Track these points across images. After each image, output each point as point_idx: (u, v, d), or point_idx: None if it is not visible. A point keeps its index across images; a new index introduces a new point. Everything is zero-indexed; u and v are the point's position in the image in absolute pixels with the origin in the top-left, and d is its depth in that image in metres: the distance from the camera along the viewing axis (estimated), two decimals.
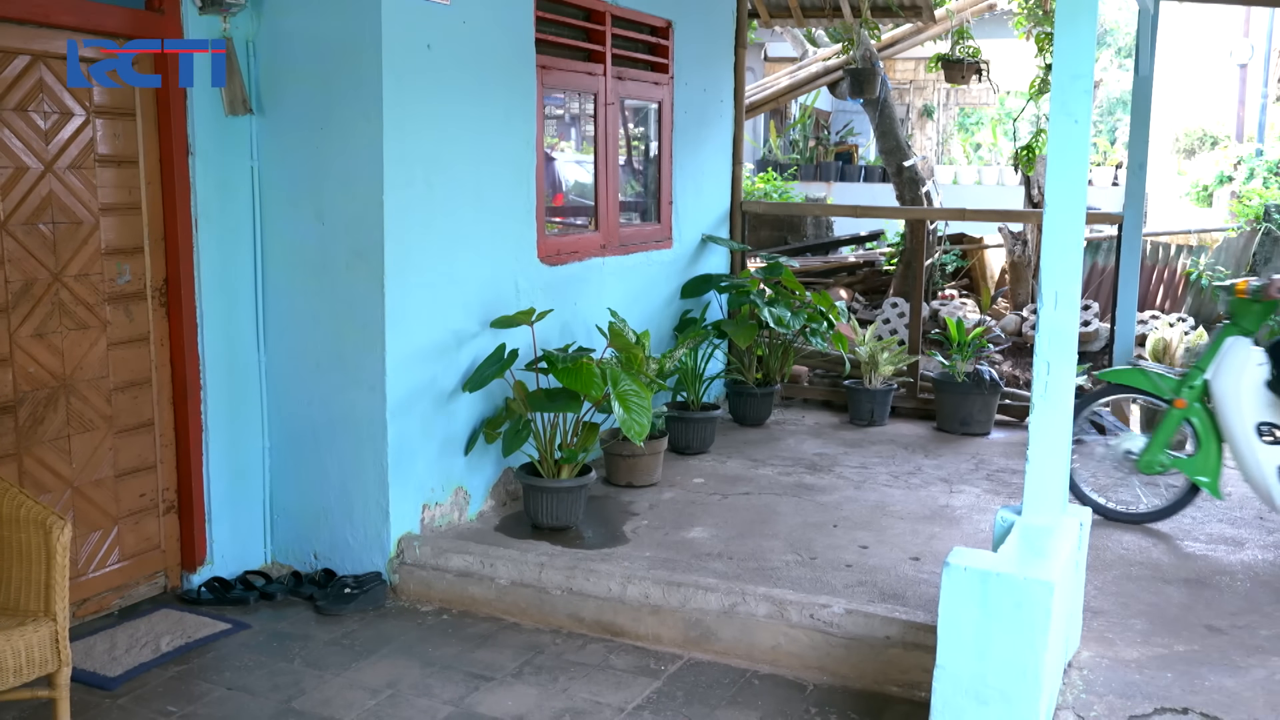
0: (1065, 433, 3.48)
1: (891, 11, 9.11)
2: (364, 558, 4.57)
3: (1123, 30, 23.05)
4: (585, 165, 6.15)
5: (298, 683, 3.81)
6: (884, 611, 3.90)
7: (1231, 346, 4.76)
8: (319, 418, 4.60)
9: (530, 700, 3.70)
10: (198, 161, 4.34)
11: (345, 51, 4.33)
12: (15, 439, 3.92)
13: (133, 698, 3.69)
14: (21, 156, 3.86)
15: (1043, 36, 9.43)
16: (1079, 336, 3.75)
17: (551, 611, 4.29)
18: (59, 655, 3.08)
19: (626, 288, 6.02)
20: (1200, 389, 4.84)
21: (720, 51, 7.07)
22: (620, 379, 4.64)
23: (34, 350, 3.96)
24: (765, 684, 3.85)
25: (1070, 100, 3.32)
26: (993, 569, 3.23)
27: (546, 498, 4.74)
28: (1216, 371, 4.78)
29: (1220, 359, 4.78)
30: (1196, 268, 10.16)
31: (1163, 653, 3.88)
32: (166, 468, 4.46)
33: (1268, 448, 4.65)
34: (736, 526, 4.92)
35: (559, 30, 5.49)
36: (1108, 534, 4.94)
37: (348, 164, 4.39)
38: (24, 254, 3.89)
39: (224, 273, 4.49)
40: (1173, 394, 4.87)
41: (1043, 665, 3.17)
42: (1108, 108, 22.86)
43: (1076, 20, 3.31)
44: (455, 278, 4.75)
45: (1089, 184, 3.66)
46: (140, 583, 4.43)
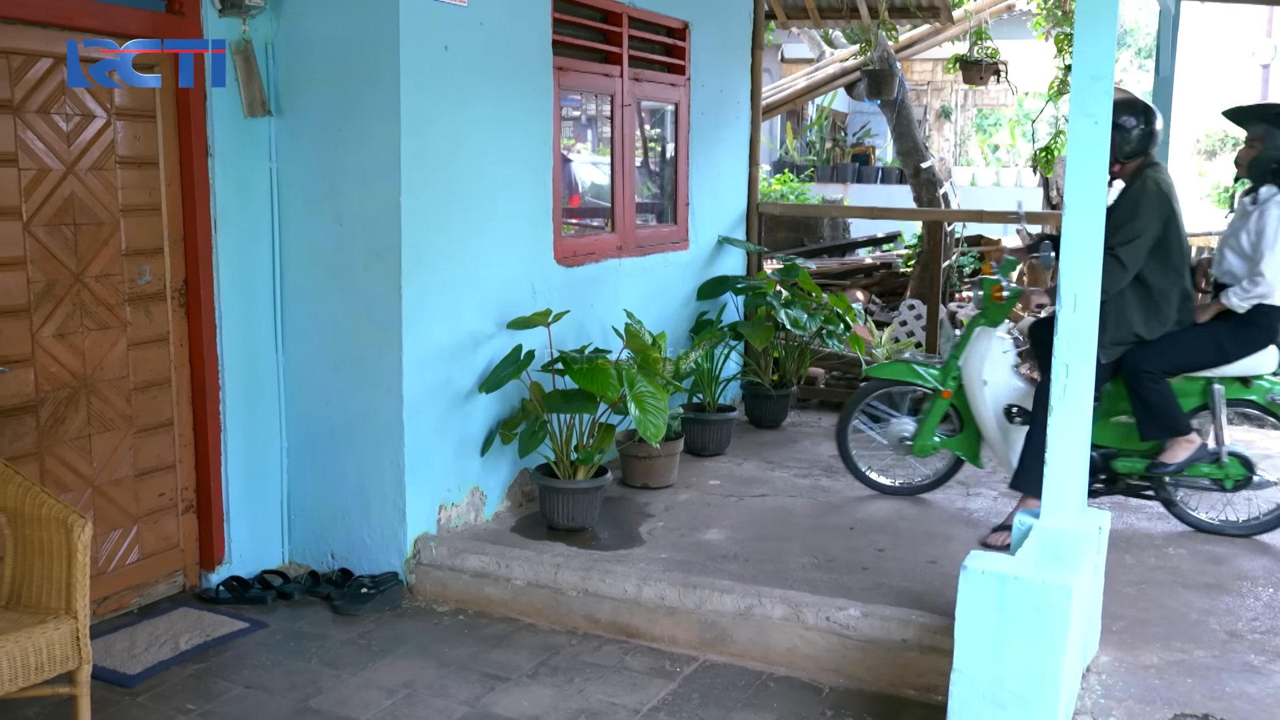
0: (1084, 436, 3.46)
1: (909, 12, 9.09)
2: (381, 558, 4.58)
3: (1143, 31, 22.92)
4: (602, 167, 6.16)
5: (315, 682, 3.83)
6: (900, 614, 3.89)
7: (979, 336, 4.97)
8: (336, 418, 4.62)
9: (546, 701, 3.71)
10: (217, 163, 4.36)
11: (363, 53, 4.35)
12: (37, 438, 3.96)
13: (152, 695, 3.71)
14: (44, 158, 3.89)
15: (1062, 37, 9.39)
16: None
17: (567, 612, 4.29)
18: (80, 653, 3.10)
19: (643, 289, 6.02)
20: (959, 377, 5.04)
21: (737, 53, 7.06)
22: (636, 380, 4.64)
23: (55, 350, 3.99)
24: (781, 686, 3.84)
25: (1090, 101, 3.31)
26: (1011, 572, 3.22)
27: (562, 499, 4.74)
28: (967, 360, 4.99)
29: (970, 348, 4.99)
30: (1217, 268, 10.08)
31: (1183, 658, 3.85)
32: (185, 467, 4.49)
33: (1014, 428, 4.89)
34: (752, 528, 4.91)
35: (576, 32, 5.50)
36: (1127, 538, 4.91)
37: (365, 165, 4.41)
38: (46, 255, 3.92)
39: (243, 273, 4.52)
40: (939, 384, 5.07)
41: (1061, 670, 3.15)
42: None
43: (1097, 21, 3.30)
44: (472, 279, 4.76)
45: (1108, 185, 3.64)
46: (159, 581, 4.46)
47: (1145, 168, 4.58)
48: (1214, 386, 4.68)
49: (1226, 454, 4.74)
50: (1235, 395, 4.73)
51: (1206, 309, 4.68)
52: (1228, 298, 4.57)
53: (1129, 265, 4.41)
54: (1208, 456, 4.72)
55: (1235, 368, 4.64)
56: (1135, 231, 4.40)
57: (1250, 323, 4.56)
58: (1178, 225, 4.56)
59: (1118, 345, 4.54)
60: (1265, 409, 4.77)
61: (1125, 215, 4.45)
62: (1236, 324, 4.57)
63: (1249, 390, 4.72)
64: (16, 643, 2.96)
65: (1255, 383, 4.72)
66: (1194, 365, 4.64)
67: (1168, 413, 4.60)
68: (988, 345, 4.94)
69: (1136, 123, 4.52)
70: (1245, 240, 4.59)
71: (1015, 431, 4.87)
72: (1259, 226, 4.53)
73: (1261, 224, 4.52)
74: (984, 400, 4.92)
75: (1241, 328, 4.57)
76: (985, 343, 4.95)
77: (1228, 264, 4.68)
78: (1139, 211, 4.43)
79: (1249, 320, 4.56)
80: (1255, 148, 4.61)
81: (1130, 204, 4.48)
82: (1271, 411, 4.77)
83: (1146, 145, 4.57)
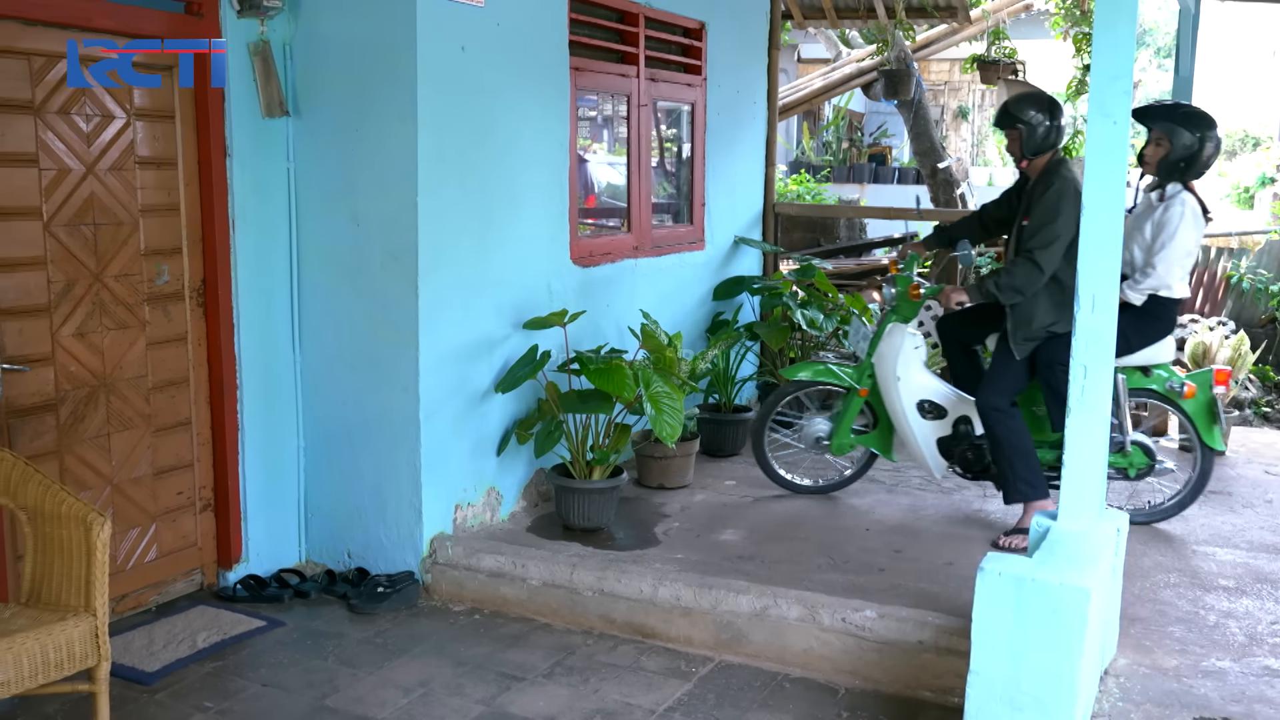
0: (1102, 437, 3.44)
1: (926, 12, 9.05)
2: (397, 557, 4.60)
3: (1162, 30, 22.79)
4: (618, 167, 6.16)
5: (331, 680, 3.84)
6: (917, 616, 3.88)
7: (891, 332, 5.00)
8: (353, 417, 4.63)
9: (562, 701, 3.71)
10: (235, 163, 4.39)
11: (380, 54, 4.36)
12: (57, 437, 3.98)
13: (170, 693, 3.73)
14: (64, 159, 3.92)
15: (1080, 36, 9.34)
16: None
17: (583, 612, 4.29)
18: (99, 650, 3.12)
19: (659, 289, 6.02)
20: (874, 374, 5.08)
21: (753, 53, 7.06)
22: (652, 380, 4.64)
23: (75, 349, 4.02)
24: (797, 687, 3.83)
25: (1109, 101, 3.29)
26: (1028, 574, 3.20)
27: (578, 499, 4.75)
28: (880, 356, 5.02)
29: (882, 345, 5.01)
30: (1237, 270, 10.01)
31: (1201, 662, 3.83)
32: (203, 466, 4.51)
33: (926, 423, 4.96)
34: (768, 529, 4.90)
35: (592, 32, 5.50)
36: (1145, 540, 4.88)
37: (382, 165, 4.42)
38: (66, 254, 3.95)
39: (260, 273, 4.54)
40: (855, 382, 5.10)
41: (1079, 672, 3.13)
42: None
43: (1116, 20, 3.28)
44: (488, 279, 4.77)
45: (1127, 185, 3.62)
46: (177, 579, 4.49)
47: (1057, 164, 4.65)
48: (1117, 376, 4.77)
49: (1130, 443, 4.85)
50: (1136, 385, 4.88)
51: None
52: (1123, 290, 4.61)
53: (1046, 269, 4.48)
54: (1114, 445, 4.79)
55: (1137, 358, 4.78)
56: (1054, 234, 4.46)
57: (1150, 314, 4.69)
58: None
59: (1030, 341, 4.61)
60: (1163, 397, 4.90)
61: (1044, 216, 4.50)
62: (1138, 315, 4.66)
63: (1149, 379, 4.88)
64: (37, 640, 2.98)
65: (1154, 372, 4.87)
66: None
67: None
68: (900, 341, 4.97)
69: (1043, 118, 4.59)
70: (1149, 232, 4.72)
71: (929, 426, 4.97)
72: (1163, 220, 4.67)
73: (1165, 219, 4.66)
74: (898, 396, 4.96)
75: (1142, 319, 4.68)
76: (898, 339, 4.98)
77: (1127, 255, 4.76)
78: (1059, 212, 4.47)
79: (1148, 312, 4.69)
80: (1163, 146, 4.71)
81: (1050, 205, 4.52)
82: (1169, 400, 4.89)
83: (1056, 140, 4.65)
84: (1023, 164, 4.68)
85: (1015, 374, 4.65)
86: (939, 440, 4.99)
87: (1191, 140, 4.64)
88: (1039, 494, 4.64)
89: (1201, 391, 4.83)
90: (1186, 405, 4.86)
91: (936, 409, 4.98)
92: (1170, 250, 4.60)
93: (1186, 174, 4.70)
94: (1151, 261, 4.63)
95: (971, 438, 4.93)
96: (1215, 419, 4.83)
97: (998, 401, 4.64)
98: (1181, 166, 4.68)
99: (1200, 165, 4.69)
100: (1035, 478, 4.63)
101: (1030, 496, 4.64)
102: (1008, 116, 4.66)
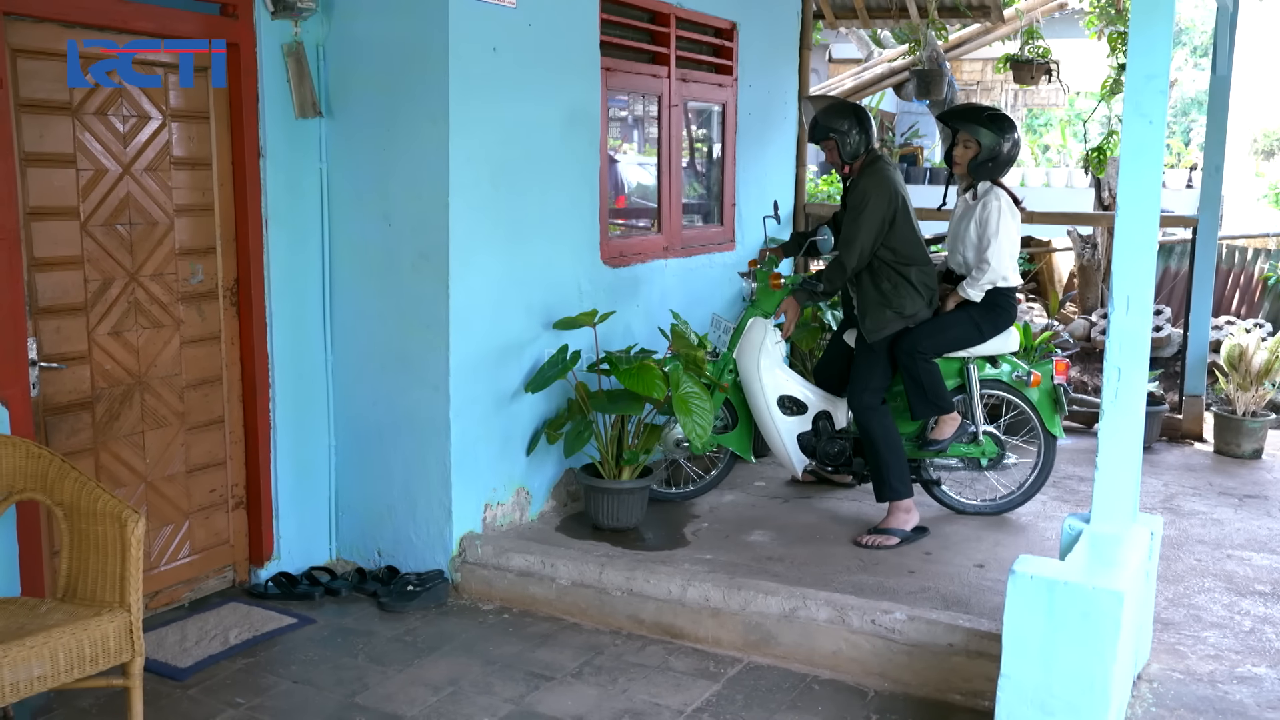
0: (1136, 440, 3.41)
1: (959, 12, 8.99)
2: (427, 556, 4.62)
3: (1199, 29, 22.53)
4: (648, 167, 6.16)
5: (361, 678, 3.86)
6: (947, 619, 3.85)
7: (752, 327, 5.04)
8: (384, 417, 4.66)
9: (590, 700, 3.71)
10: (268, 164, 4.42)
11: (413, 55, 4.39)
12: (92, 434, 4.03)
13: (202, 688, 3.77)
14: (101, 159, 3.96)
15: (1115, 35, 9.23)
16: (1151, 342, 3.68)
17: (611, 612, 4.30)
18: (133, 645, 3.16)
19: (689, 289, 6.02)
20: (735, 370, 5.09)
21: (784, 53, 7.03)
22: (682, 381, 4.64)
23: (111, 348, 4.07)
24: (825, 689, 3.82)
25: (1145, 100, 3.26)
26: (1060, 577, 3.17)
27: (607, 499, 4.75)
28: (740, 352, 5.06)
29: (744, 340, 5.05)
30: (1274, 272, 9.88)
31: (1237, 668, 3.78)
32: (236, 464, 4.55)
33: (787, 419, 5.02)
34: (798, 530, 4.89)
35: (623, 32, 5.50)
36: (1179, 544, 4.83)
37: (414, 166, 4.44)
38: (102, 254, 4.00)
39: (293, 273, 4.57)
40: (715, 379, 5.07)
41: (1111, 677, 3.10)
42: (1182, 108, 22.37)
43: (1152, 18, 3.25)
44: (518, 279, 4.79)
45: (1162, 186, 3.58)
46: (210, 576, 4.53)
47: (869, 163, 4.86)
48: (969, 366, 4.94)
49: (982, 433, 4.96)
50: (985, 375, 4.99)
51: (946, 300, 4.90)
52: (963, 289, 4.82)
53: (848, 264, 4.74)
54: (967, 435, 4.95)
55: (986, 347, 4.91)
56: (852, 234, 4.72)
57: (994, 305, 4.83)
58: (907, 212, 4.81)
59: (878, 331, 4.76)
60: (1010, 386, 5.01)
61: (850, 215, 4.77)
62: (983, 308, 4.83)
63: (997, 370, 5.01)
64: (73, 634, 3.01)
65: (1001, 362, 5.01)
66: (959, 344, 4.88)
67: (936, 390, 4.80)
68: (761, 336, 5.00)
69: (850, 127, 4.82)
70: (974, 232, 4.84)
71: (791, 422, 5.02)
72: (983, 218, 4.80)
73: (985, 216, 4.80)
74: (759, 392, 4.99)
75: (989, 310, 4.83)
76: (759, 333, 5.01)
77: (960, 256, 4.95)
78: (861, 212, 4.70)
79: (993, 304, 4.82)
80: (970, 148, 4.85)
81: (854, 205, 4.76)
82: (1016, 389, 5.00)
83: (867, 143, 4.86)
84: (845, 170, 4.90)
85: (881, 369, 4.80)
86: (799, 436, 5.05)
87: (995, 140, 4.78)
88: (908, 492, 4.77)
89: (1045, 380, 4.96)
90: (1031, 394, 4.97)
91: (797, 405, 5.04)
92: (998, 244, 4.74)
93: (995, 171, 4.84)
94: (984, 258, 4.75)
95: (831, 432, 5.03)
96: (1059, 407, 4.96)
97: (869, 400, 4.79)
98: (989, 165, 4.82)
99: (1004, 162, 4.84)
100: (905, 475, 4.78)
101: (902, 494, 4.76)
102: (820, 129, 4.86)
